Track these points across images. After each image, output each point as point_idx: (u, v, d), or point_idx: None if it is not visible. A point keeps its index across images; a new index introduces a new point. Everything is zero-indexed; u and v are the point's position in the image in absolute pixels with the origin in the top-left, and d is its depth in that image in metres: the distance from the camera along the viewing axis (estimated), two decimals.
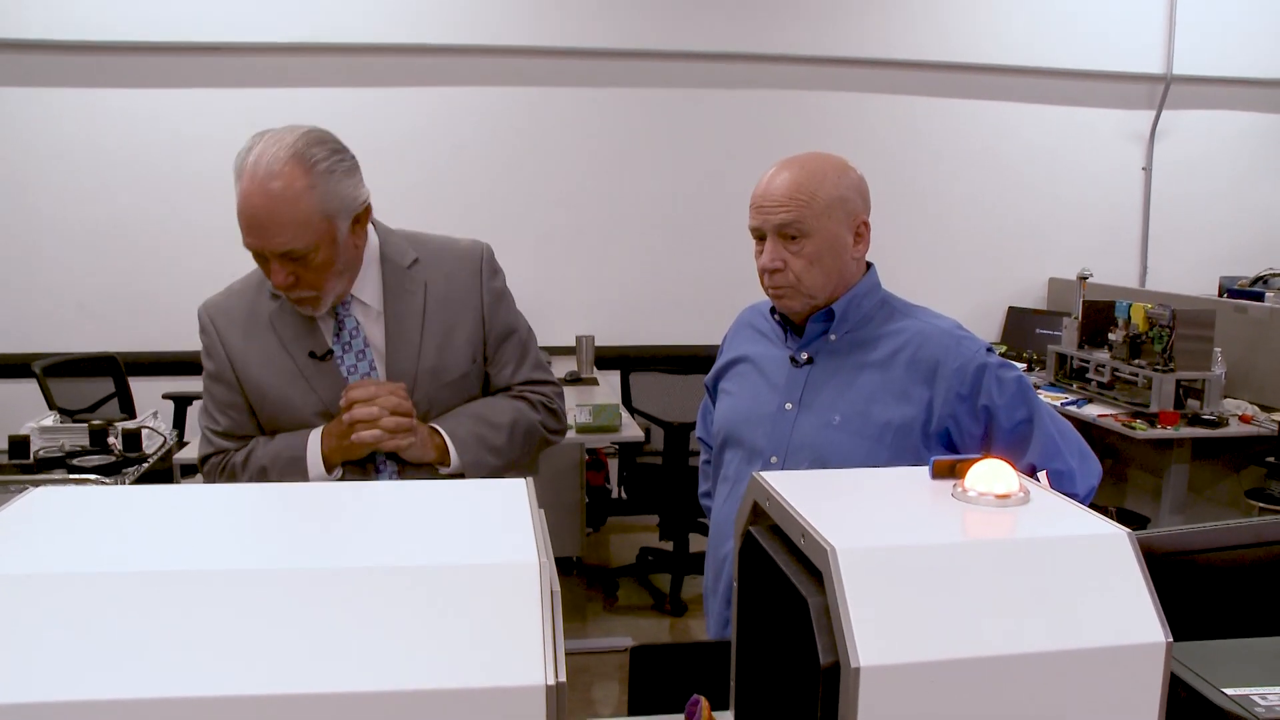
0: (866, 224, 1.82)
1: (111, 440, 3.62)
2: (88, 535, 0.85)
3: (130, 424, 3.77)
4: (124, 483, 3.40)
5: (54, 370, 4.35)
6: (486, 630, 0.73)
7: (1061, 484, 1.74)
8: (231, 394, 1.89)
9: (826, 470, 1.19)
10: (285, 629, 0.72)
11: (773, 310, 1.91)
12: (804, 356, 1.84)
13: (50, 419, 3.82)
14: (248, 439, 1.92)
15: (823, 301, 1.81)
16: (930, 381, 1.76)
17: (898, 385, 1.77)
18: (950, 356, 1.76)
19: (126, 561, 0.78)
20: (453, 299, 1.95)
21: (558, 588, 0.76)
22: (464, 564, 0.77)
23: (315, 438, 1.84)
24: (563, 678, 0.72)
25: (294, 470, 1.83)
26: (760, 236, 1.81)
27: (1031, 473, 1.74)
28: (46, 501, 0.93)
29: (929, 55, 5.68)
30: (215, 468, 1.93)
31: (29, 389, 4.36)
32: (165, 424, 4.19)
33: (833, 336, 1.83)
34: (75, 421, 3.79)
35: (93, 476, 3.38)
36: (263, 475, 1.86)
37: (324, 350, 1.87)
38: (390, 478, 1.89)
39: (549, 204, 5.49)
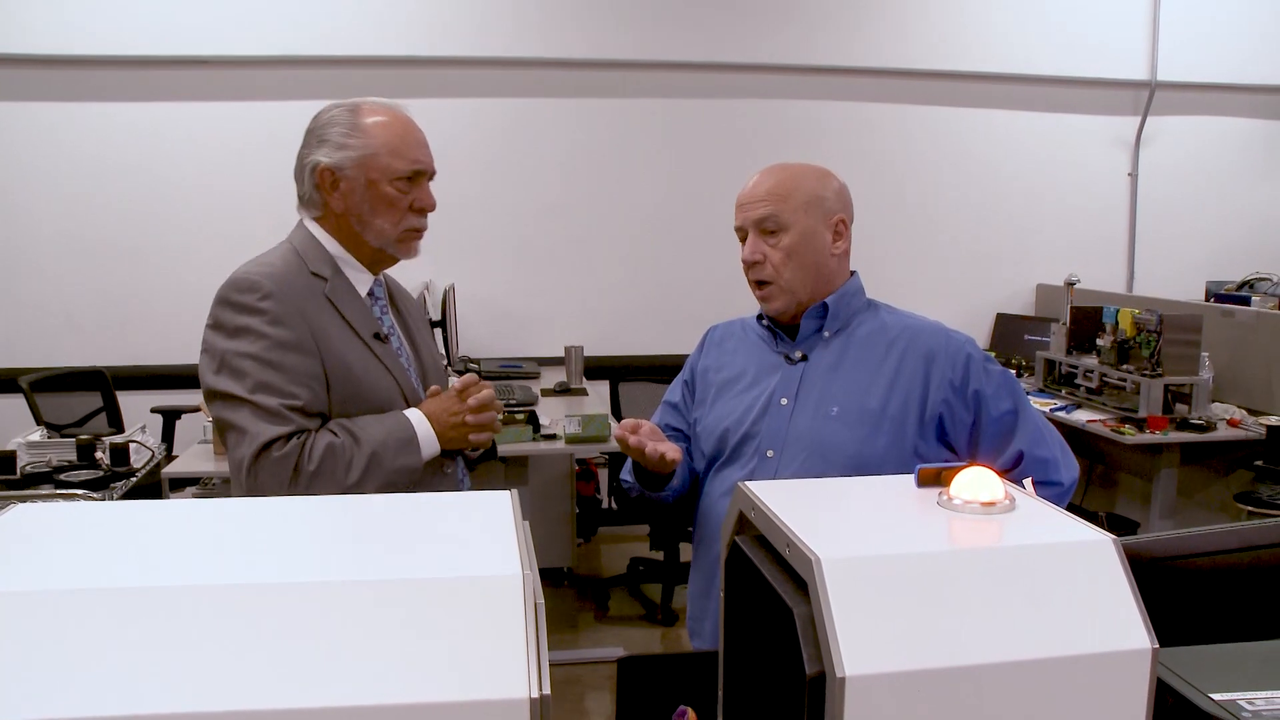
0: (845, 222, 1.91)
1: (99, 455, 3.61)
2: (70, 551, 0.84)
3: (118, 438, 3.76)
4: (112, 497, 3.39)
5: (41, 385, 4.33)
6: (469, 643, 0.73)
7: (1047, 471, 1.84)
8: (314, 365, 1.74)
9: (812, 479, 1.19)
10: (267, 644, 0.72)
11: (759, 318, 1.99)
12: (798, 354, 1.90)
13: (37, 434, 3.81)
14: (319, 419, 1.75)
15: (806, 299, 1.89)
16: (924, 371, 1.84)
17: (892, 375, 1.84)
18: (942, 346, 1.85)
19: (108, 577, 0.77)
20: (415, 306, 2.09)
21: (541, 600, 0.76)
22: (446, 577, 0.77)
23: (420, 419, 1.82)
24: (547, 690, 0.71)
25: (406, 452, 1.78)
26: (744, 237, 1.91)
27: (1020, 459, 1.83)
28: (28, 518, 0.92)
29: (915, 63, 5.70)
30: (292, 452, 1.68)
31: (16, 404, 4.34)
32: (154, 438, 4.18)
33: (826, 333, 1.90)
34: (63, 436, 3.78)
35: (80, 492, 3.37)
36: (374, 461, 1.73)
37: (383, 333, 1.87)
38: (461, 466, 1.98)
39: (537, 215, 5.49)
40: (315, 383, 1.74)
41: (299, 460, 1.67)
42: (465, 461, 2.02)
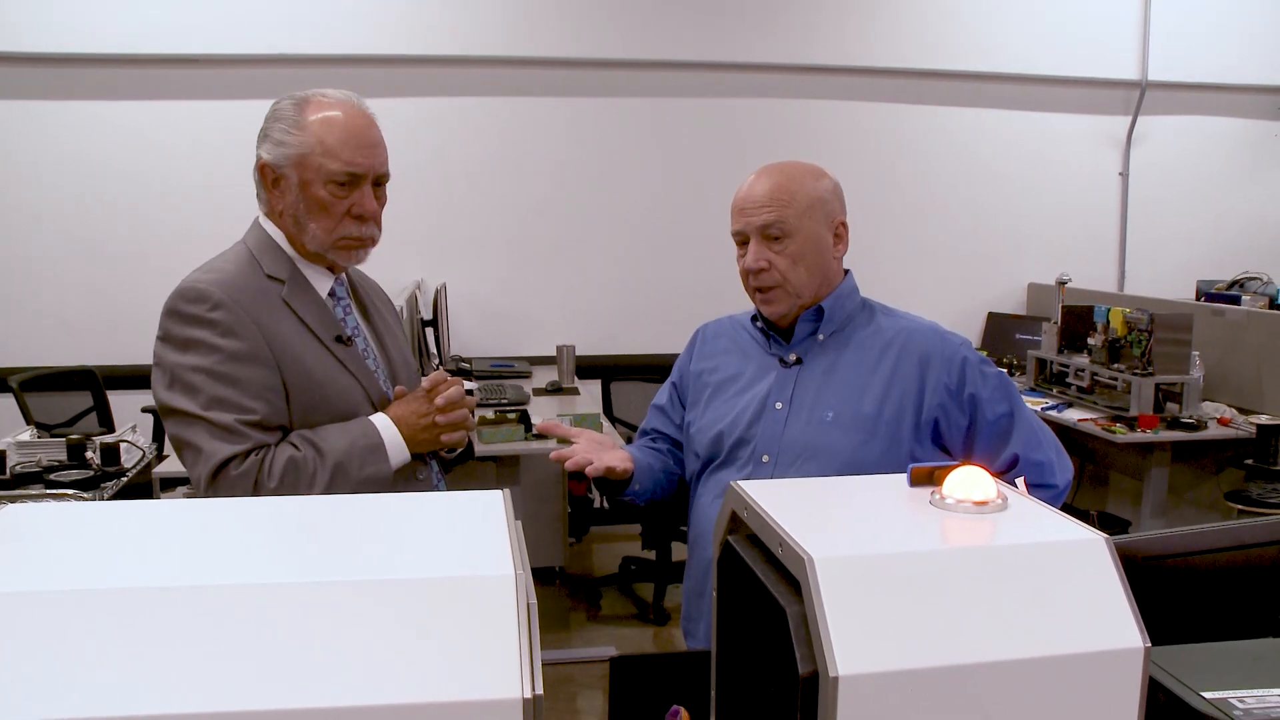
0: (845, 225, 1.90)
1: (90, 455, 3.59)
2: (60, 552, 0.84)
3: (109, 438, 3.75)
4: (102, 497, 3.38)
5: (31, 385, 4.31)
6: (463, 643, 0.73)
7: (1042, 475, 1.82)
8: (271, 376, 1.65)
9: (804, 479, 1.19)
10: (258, 644, 0.71)
11: (754, 319, 1.97)
12: (792, 357, 1.88)
13: (27, 434, 3.79)
14: (279, 432, 1.66)
15: (808, 301, 1.87)
16: (920, 374, 1.82)
17: (888, 379, 1.83)
18: (938, 349, 1.84)
19: (99, 578, 0.77)
20: (384, 302, 2.02)
21: (534, 600, 0.76)
22: (439, 577, 0.77)
23: (387, 424, 1.73)
24: (539, 690, 0.71)
25: (373, 460, 1.69)
26: (743, 241, 1.87)
27: (1015, 462, 1.82)
28: (18, 518, 0.92)
29: (906, 62, 5.70)
30: (251, 469, 1.60)
31: (5, 404, 4.32)
32: (144, 438, 4.16)
33: (821, 336, 1.88)
34: (53, 436, 3.76)
35: (70, 492, 3.36)
36: (340, 472, 1.64)
37: (346, 335, 1.78)
38: (435, 469, 1.90)
39: (529, 214, 5.48)
40: (273, 395, 1.65)
41: (258, 477, 1.59)
42: (441, 464, 1.94)
